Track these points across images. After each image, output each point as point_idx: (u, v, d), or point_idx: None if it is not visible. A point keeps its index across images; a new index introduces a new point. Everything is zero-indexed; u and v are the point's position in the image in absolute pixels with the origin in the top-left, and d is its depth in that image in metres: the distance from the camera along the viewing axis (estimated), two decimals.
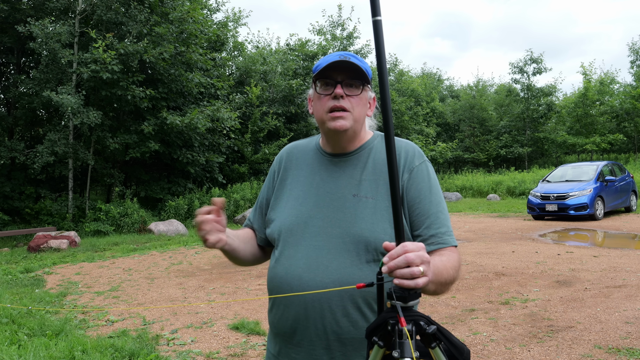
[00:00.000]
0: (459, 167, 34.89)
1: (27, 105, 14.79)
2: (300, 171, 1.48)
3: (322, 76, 1.37)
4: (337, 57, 1.35)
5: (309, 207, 1.40)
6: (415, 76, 38.14)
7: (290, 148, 1.57)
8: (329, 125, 1.37)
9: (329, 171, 1.43)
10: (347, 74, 1.36)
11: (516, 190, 22.62)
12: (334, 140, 1.42)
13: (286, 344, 1.39)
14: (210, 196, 16.34)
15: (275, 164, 1.57)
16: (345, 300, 1.30)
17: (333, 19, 26.93)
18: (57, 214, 13.94)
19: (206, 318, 5.22)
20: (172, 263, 8.72)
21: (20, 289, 6.74)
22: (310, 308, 1.31)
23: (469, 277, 6.66)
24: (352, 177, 1.40)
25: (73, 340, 4.31)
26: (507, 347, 4.01)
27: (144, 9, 14.63)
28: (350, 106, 1.36)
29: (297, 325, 1.34)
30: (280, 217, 1.44)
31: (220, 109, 15.72)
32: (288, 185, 1.48)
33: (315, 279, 1.31)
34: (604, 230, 11.45)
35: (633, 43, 31.34)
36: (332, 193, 1.39)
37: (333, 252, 1.32)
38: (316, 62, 1.41)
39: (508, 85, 34.03)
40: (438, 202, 1.39)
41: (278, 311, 1.40)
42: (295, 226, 1.39)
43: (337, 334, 1.31)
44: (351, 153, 1.43)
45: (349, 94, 1.36)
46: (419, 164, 1.40)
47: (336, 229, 1.34)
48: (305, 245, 1.36)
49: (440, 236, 1.35)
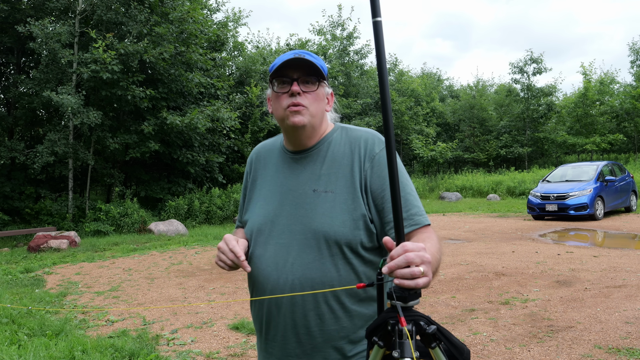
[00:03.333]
0: (459, 167, 34.88)
1: (27, 105, 14.79)
2: (267, 171, 1.52)
3: (278, 75, 1.38)
4: (291, 55, 1.36)
5: (274, 205, 1.43)
6: (415, 76, 38.14)
7: (258, 149, 1.61)
8: (287, 121, 1.38)
9: (291, 168, 1.46)
10: (303, 71, 1.37)
11: (516, 190, 22.62)
12: (294, 137, 1.44)
13: (264, 340, 1.44)
14: (210, 196, 16.33)
15: (247, 166, 1.61)
16: (314, 296, 1.33)
17: (333, 19, 26.98)
18: (57, 214, 13.94)
19: (206, 318, 5.22)
20: (172, 263, 8.72)
21: (20, 289, 6.74)
22: (280, 304, 1.36)
23: (469, 277, 6.66)
24: (312, 173, 1.42)
25: (73, 340, 4.31)
26: (507, 347, 4.01)
27: (144, 9, 14.63)
28: (308, 102, 1.38)
29: (270, 320, 1.39)
30: (251, 217, 1.48)
31: (220, 109, 15.72)
32: (257, 186, 1.52)
33: (282, 277, 1.35)
34: (604, 230, 11.45)
35: (633, 43, 31.33)
36: (294, 190, 1.42)
37: (296, 249, 1.35)
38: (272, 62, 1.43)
39: (508, 85, 34.02)
40: (405, 185, 1.37)
41: (254, 309, 1.46)
42: (263, 226, 1.43)
43: (307, 328, 1.34)
44: (311, 149, 1.45)
45: (306, 90, 1.38)
46: (380, 150, 1.40)
47: (298, 225, 1.37)
48: (272, 244, 1.39)
49: (412, 217, 1.34)
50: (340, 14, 33.06)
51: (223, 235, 9.17)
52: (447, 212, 17.46)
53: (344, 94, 25.34)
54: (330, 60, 26.12)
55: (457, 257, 8.15)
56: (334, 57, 26.17)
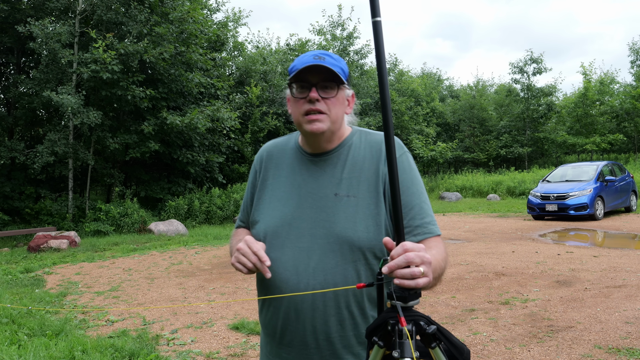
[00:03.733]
0: (459, 167, 34.89)
1: (27, 105, 14.79)
2: (281, 171, 1.47)
3: (297, 79, 1.35)
4: (311, 59, 1.33)
5: (291, 208, 1.39)
6: (415, 76, 38.14)
7: (269, 147, 1.55)
8: (305, 128, 1.36)
9: (310, 171, 1.42)
10: (322, 76, 1.33)
11: (516, 190, 22.62)
12: (312, 142, 1.42)
13: (277, 344, 1.40)
14: (210, 196, 16.33)
15: (256, 163, 1.55)
16: (334, 301, 1.31)
17: (333, 19, 26.96)
18: (57, 214, 13.93)
19: (206, 318, 5.22)
20: (172, 263, 8.72)
21: (20, 289, 6.74)
22: (300, 309, 1.32)
23: (469, 277, 6.66)
24: (332, 176, 1.39)
25: (73, 340, 4.31)
26: (507, 347, 4.01)
27: (144, 9, 14.62)
28: (327, 108, 1.34)
29: (287, 325, 1.35)
30: (263, 218, 1.43)
31: (220, 109, 15.72)
32: (269, 186, 1.47)
33: (302, 281, 1.31)
34: (604, 230, 11.45)
35: (633, 43, 31.32)
36: (314, 193, 1.39)
37: (318, 254, 1.32)
38: (292, 63, 1.39)
39: (508, 85, 34.03)
40: (420, 193, 1.39)
41: (268, 312, 1.41)
42: (279, 228, 1.38)
43: (327, 334, 1.32)
44: (331, 152, 1.42)
45: (325, 96, 1.34)
46: (399, 155, 1.39)
47: (320, 229, 1.34)
48: (290, 248, 1.36)
49: (426, 226, 1.35)
50: (340, 14, 33.03)
51: (223, 235, 9.16)
52: (447, 212, 17.45)
53: None
54: None
55: (457, 257, 8.15)
56: None
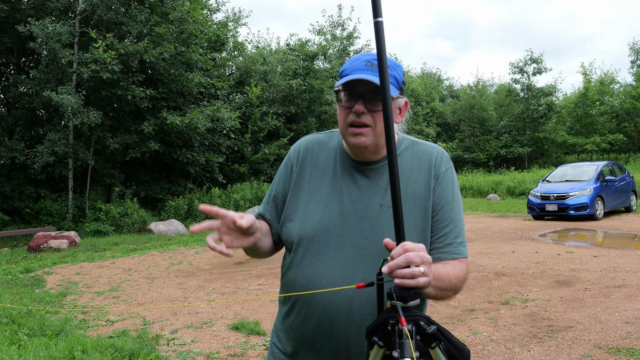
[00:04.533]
0: (459, 167, 34.87)
1: (27, 105, 14.79)
2: (321, 172, 1.41)
3: (346, 86, 1.28)
4: (363, 66, 1.26)
5: (332, 214, 1.33)
6: (415, 76, 38.15)
7: (310, 142, 1.47)
8: (348, 140, 1.31)
9: (354, 177, 1.36)
10: (372, 87, 1.25)
11: (516, 190, 22.62)
12: (356, 152, 1.36)
13: (304, 349, 1.37)
14: (210, 196, 16.34)
15: (293, 155, 1.46)
16: (371, 314, 1.28)
17: (333, 19, 26.96)
18: (57, 214, 13.94)
19: (206, 318, 5.22)
20: (172, 263, 8.72)
21: (20, 289, 6.74)
22: (335, 320, 1.28)
23: (469, 277, 6.65)
24: (378, 186, 1.34)
25: (73, 340, 4.31)
26: (507, 347, 4.01)
27: (144, 9, 14.63)
28: (372, 121, 1.28)
29: (318, 334, 1.32)
30: (300, 220, 1.36)
31: (220, 109, 15.73)
32: (306, 185, 1.40)
33: (341, 292, 1.27)
34: (604, 230, 11.45)
35: (634, 43, 31.31)
36: (358, 202, 1.33)
37: (359, 265, 1.28)
38: (343, 66, 1.33)
39: (508, 85, 34.04)
40: (458, 211, 1.36)
41: (297, 318, 1.37)
42: (318, 233, 1.33)
43: (360, 346, 1.29)
44: (377, 162, 1.37)
45: (372, 109, 1.27)
46: (446, 169, 1.37)
47: (362, 240, 1.30)
48: (329, 256, 1.31)
49: (456, 246, 1.33)
50: (340, 14, 33.05)
51: None
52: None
53: None
54: (331, 60, 26.11)
55: None
56: (334, 57, 26.16)
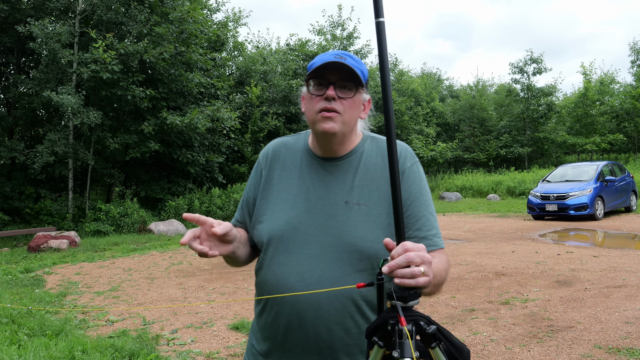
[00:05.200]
0: (459, 167, 34.89)
1: (27, 105, 14.78)
2: (289, 172, 1.43)
3: (316, 75, 1.32)
4: (332, 57, 1.31)
5: (299, 212, 1.36)
6: (415, 76, 38.14)
7: (277, 145, 1.50)
8: (318, 126, 1.33)
9: (320, 175, 1.39)
10: (341, 75, 1.31)
11: (516, 190, 22.62)
12: (323, 143, 1.38)
13: (277, 348, 1.38)
14: (210, 196, 16.34)
15: (261, 160, 1.50)
16: (339, 310, 1.29)
17: (333, 19, 26.96)
18: (57, 214, 13.93)
19: (206, 318, 5.22)
20: (172, 263, 8.72)
21: (20, 289, 6.74)
22: (304, 317, 1.30)
23: (469, 277, 6.66)
24: (343, 183, 1.37)
25: (73, 340, 4.31)
26: (507, 347, 4.01)
27: (144, 9, 14.62)
28: (342, 109, 1.32)
29: (289, 332, 1.33)
30: (269, 221, 1.39)
31: (220, 109, 15.72)
32: (275, 186, 1.43)
33: (309, 288, 1.29)
34: (604, 230, 11.45)
35: (634, 43, 31.32)
36: (324, 199, 1.36)
37: (326, 262, 1.30)
38: (312, 60, 1.37)
39: (508, 85, 34.04)
40: (428, 204, 1.37)
41: (269, 317, 1.38)
42: (285, 232, 1.35)
43: (330, 342, 1.30)
44: (342, 157, 1.40)
45: (342, 96, 1.31)
46: (411, 165, 1.39)
47: (328, 237, 1.32)
48: (297, 253, 1.33)
49: (431, 238, 1.34)
50: (340, 14, 33.02)
51: None
52: (447, 212, 17.45)
53: None
54: None
55: (457, 257, 8.15)
56: None
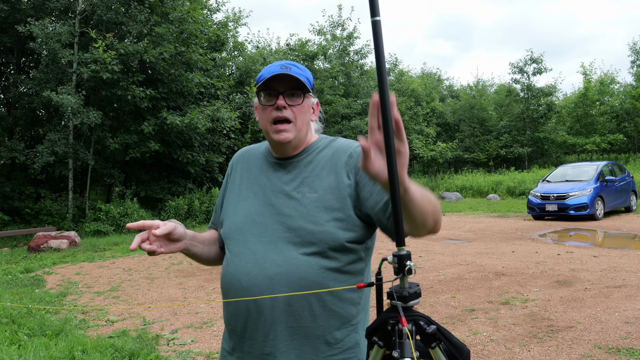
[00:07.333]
0: (459, 167, 34.88)
1: (27, 105, 14.79)
2: (249, 173, 1.54)
3: (265, 87, 1.41)
4: (278, 68, 1.40)
5: (256, 206, 1.45)
6: (415, 76, 38.14)
7: (242, 152, 1.64)
8: (272, 137, 1.42)
9: (275, 171, 1.49)
10: (289, 85, 1.40)
11: (516, 190, 22.61)
12: (279, 149, 1.48)
13: (240, 339, 1.42)
14: (210, 196, 16.34)
15: (228, 168, 1.64)
16: (292, 292, 1.33)
17: (333, 19, 26.97)
18: (57, 214, 13.94)
19: (206, 318, 5.22)
20: (172, 263, 8.73)
21: (20, 289, 6.74)
22: (259, 301, 1.35)
23: (469, 277, 6.66)
24: (296, 176, 1.45)
25: (73, 340, 4.31)
26: (507, 347, 4.01)
27: (144, 9, 14.63)
28: (293, 116, 1.41)
29: (248, 319, 1.37)
30: (229, 217, 1.50)
31: (220, 109, 15.72)
32: (237, 187, 1.54)
33: (263, 272, 1.35)
34: (604, 230, 11.45)
35: (634, 43, 31.31)
36: (277, 191, 1.45)
37: (279, 246, 1.36)
38: (259, 73, 1.46)
39: (508, 86, 34.02)
40: None
41: (230, 308, 1.43)
42: (243, 224, 1.44)
43: (286, 324, 1.34)
44: (297, 156, 1.49)
45: (291, 103, 1.41)
46: (356, 146, 1.45)
47: (281, 225, 1.39)
48: (252, 242, 1.40)
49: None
50: (340, 14, 33.05)
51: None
52: (447, 212, 17.45)
53: (344, 94, 25.32)
54: (331, 60, 26.11)
55: (457, 257, 8.15)
56: (334, 57, 26.17)
